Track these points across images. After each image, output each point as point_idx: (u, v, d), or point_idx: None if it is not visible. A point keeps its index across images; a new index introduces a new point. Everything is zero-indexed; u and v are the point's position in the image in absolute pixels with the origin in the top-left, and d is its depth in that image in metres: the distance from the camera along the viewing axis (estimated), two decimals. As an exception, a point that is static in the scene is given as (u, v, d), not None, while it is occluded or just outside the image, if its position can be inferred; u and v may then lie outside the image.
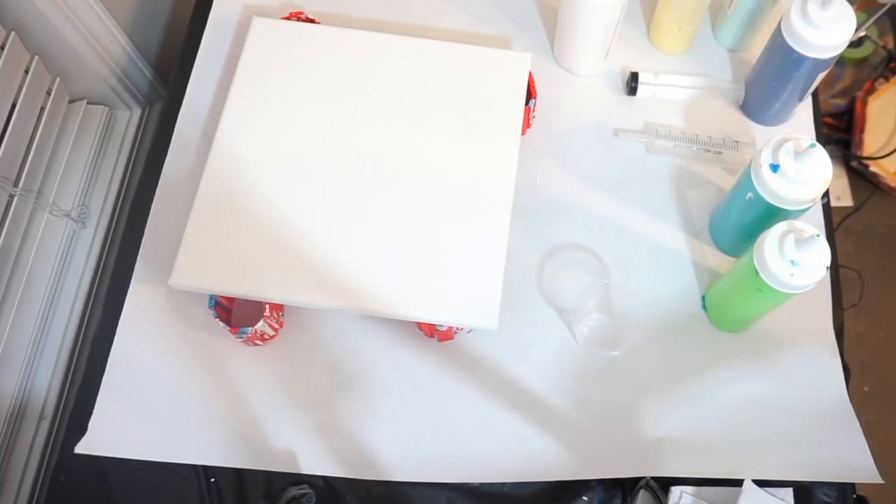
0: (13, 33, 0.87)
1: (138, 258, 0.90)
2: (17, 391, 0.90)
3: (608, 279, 0.89)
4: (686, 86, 0.99)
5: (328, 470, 0.82)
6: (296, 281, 0.81)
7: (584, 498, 0.81)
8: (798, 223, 0.73)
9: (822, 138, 0.96)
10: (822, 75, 0.87)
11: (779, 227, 0.73)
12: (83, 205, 1.01)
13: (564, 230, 0.92)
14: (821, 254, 0.71)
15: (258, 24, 0.95)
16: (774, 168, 0.75)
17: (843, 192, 1.82)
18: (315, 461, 0.82)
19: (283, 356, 0.86)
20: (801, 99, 0.92)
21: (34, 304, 0.93)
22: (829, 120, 1.83)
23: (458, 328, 0.84)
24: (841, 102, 1.82)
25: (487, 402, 0.85)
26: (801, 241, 0.70)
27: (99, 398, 0.84)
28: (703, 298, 0.89)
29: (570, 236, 0.92)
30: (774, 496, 0.79)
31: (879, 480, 0.80)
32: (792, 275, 0.71)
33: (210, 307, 0.81)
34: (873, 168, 1.78)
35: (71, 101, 1.01)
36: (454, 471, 0.82)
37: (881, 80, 1.78)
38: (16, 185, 0.88)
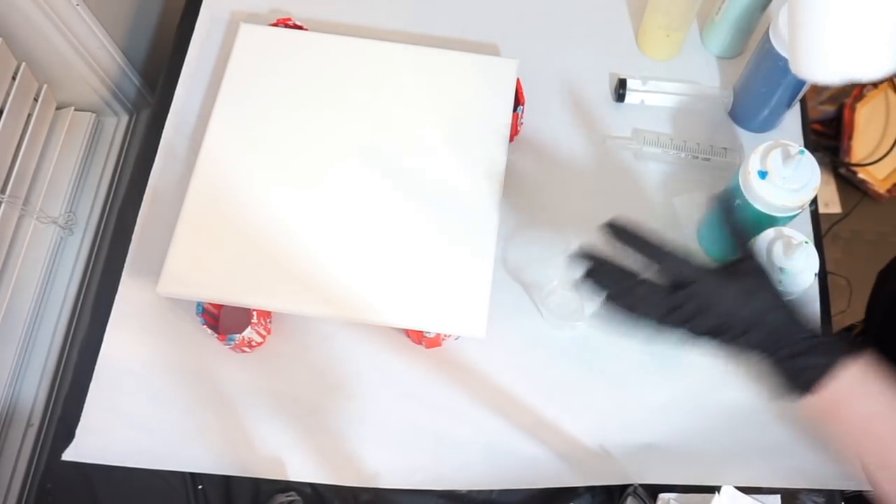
0: (0, 40, 0.87)
1: (126, 265, 0.89)
2: (4, 398, 0.89)
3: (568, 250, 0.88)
4: (674, 92, 0.99)
5: (316, 477, 0.82)
6: (283, 288, 0.81)
7: (573, 505, 0.81)
8: (786, 230, 0.73)
9: (811, 145, 0.96)
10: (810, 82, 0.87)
11: (767, 234, 0.73)
12: (70, 211, 1.00)
13: (553, 236, 0.92)
14: (809, 261, 0.72)
15: (246, 30, 0.94)
16: (762, 175, 0.75)
17: (832, 198, 1.83)
18: (302, 468, 0.82)
19: (271, 363, 0.86)
20: (789, 105, 0.92)
21: (21, 310, 0.92)
22: (817, 126, 1.84)
23: (445, 335, 0.83)
24: (829, 109, 1.83)
25: (475, 409, 0.84)
26: (789, 248, 0.71)
27: (86, 405, 0.83)
28: (692, 305, 0.89)
29: (558, 242, 0.91)
30: (762, 503, 0.79)
31: (867, 488, 0.80)
32: (780, 282, 0.71)
33: (197, 314, 0.81)
34: (861, 175, 1.79)
35: (58, 108, 1.01)
36: (442, 478, 0.82)
37: (869, 86, 1.79)
38: (3, 191, 0.88)
